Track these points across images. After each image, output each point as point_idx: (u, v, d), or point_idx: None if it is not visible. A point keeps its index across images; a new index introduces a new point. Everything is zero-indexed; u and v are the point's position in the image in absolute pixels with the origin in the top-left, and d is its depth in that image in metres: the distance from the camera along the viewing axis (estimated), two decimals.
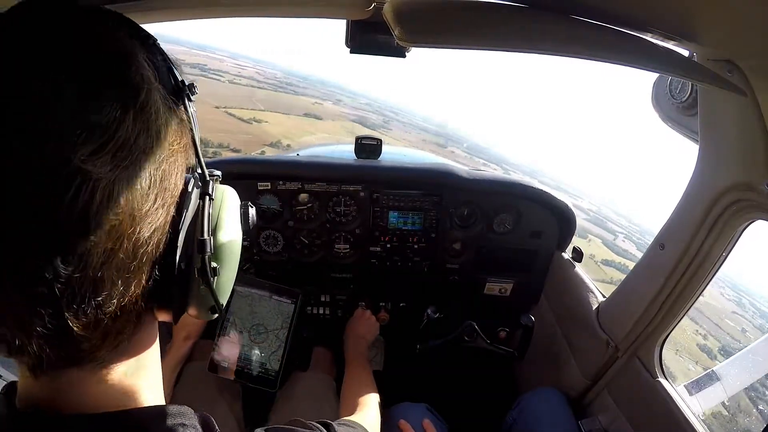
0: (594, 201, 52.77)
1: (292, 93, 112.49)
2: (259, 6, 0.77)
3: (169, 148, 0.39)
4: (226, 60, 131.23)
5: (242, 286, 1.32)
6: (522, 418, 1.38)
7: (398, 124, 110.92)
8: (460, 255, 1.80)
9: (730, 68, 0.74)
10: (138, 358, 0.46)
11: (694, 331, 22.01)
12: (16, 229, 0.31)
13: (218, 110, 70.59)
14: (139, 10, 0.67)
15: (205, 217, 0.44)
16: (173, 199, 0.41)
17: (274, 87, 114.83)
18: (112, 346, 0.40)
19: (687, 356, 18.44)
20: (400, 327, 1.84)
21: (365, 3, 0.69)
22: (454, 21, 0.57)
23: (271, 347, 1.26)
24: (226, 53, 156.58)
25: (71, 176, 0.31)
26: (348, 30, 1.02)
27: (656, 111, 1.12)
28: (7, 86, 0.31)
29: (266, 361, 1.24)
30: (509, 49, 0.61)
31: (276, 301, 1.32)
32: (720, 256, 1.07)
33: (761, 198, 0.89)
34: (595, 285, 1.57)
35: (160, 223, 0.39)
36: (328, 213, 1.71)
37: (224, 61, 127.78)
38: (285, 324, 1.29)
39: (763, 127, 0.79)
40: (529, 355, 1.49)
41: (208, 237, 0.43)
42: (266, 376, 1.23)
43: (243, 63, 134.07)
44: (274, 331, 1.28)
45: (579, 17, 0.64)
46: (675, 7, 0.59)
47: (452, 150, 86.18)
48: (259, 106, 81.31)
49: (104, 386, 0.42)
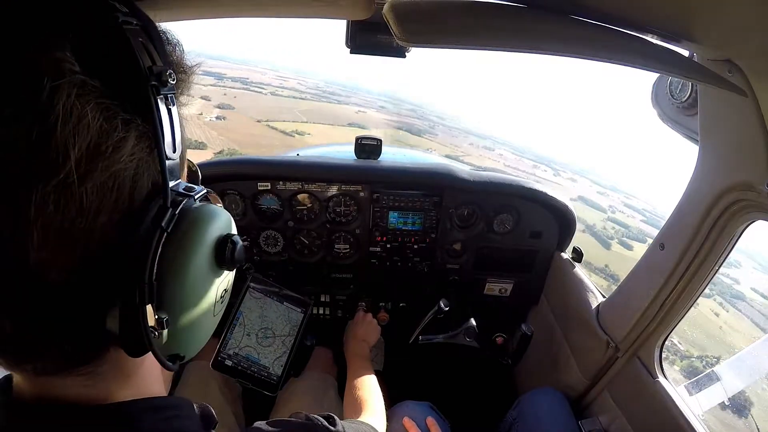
0: (650, 200, 52.13)
1: (335, 102, 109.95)
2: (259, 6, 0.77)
3: (106, 159, 0.31)
4: (268, 72, 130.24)
5: (257, 287, 1.32)
6: (522, 417, 1.38)
7: (444, 129, 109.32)
8: (460, 255, 1.80)
9: (730, 68, 0.74)
10: (128, 362, 0.44)
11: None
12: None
13: (260, 124, 69.99)
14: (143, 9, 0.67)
15: (149, 256, 0.34)
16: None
17: (317, 97, 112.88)
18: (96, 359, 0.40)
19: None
20: (400, 327, 1.84)
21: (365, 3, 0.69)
22: (454, 21, 0.57)
23: (276, 352, 1.26)
24: (268, 65, 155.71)
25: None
26: (348, 30, 1.02)
27: (656, 111, 1.12)
28: None
29: (270, 365, 1.24)
30: (509, 49, 0.61)
31: (286, 308, 1.32)
32: (720, 256, 1.07)
33: (761, 198, 0.89)
34: (594, 285, 1.57)
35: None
36: (328, 213, 1.71)
37: (266, 74, 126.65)
38: (293, 332, 1.29)
39: (763, 127, 0.79)
40: (529, 355, 1.49)
41: (148, 283, 0.34)
42: (268, 380, 1.23)
43: (285, 74, 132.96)
44: (281, 337, 1.28)
45: (579, 17, 0.64)
46: (675, 8, 0.59)
47: (501, 153, 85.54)
48: (302, 118, 79.54)
49: (95, 388, 0.42)
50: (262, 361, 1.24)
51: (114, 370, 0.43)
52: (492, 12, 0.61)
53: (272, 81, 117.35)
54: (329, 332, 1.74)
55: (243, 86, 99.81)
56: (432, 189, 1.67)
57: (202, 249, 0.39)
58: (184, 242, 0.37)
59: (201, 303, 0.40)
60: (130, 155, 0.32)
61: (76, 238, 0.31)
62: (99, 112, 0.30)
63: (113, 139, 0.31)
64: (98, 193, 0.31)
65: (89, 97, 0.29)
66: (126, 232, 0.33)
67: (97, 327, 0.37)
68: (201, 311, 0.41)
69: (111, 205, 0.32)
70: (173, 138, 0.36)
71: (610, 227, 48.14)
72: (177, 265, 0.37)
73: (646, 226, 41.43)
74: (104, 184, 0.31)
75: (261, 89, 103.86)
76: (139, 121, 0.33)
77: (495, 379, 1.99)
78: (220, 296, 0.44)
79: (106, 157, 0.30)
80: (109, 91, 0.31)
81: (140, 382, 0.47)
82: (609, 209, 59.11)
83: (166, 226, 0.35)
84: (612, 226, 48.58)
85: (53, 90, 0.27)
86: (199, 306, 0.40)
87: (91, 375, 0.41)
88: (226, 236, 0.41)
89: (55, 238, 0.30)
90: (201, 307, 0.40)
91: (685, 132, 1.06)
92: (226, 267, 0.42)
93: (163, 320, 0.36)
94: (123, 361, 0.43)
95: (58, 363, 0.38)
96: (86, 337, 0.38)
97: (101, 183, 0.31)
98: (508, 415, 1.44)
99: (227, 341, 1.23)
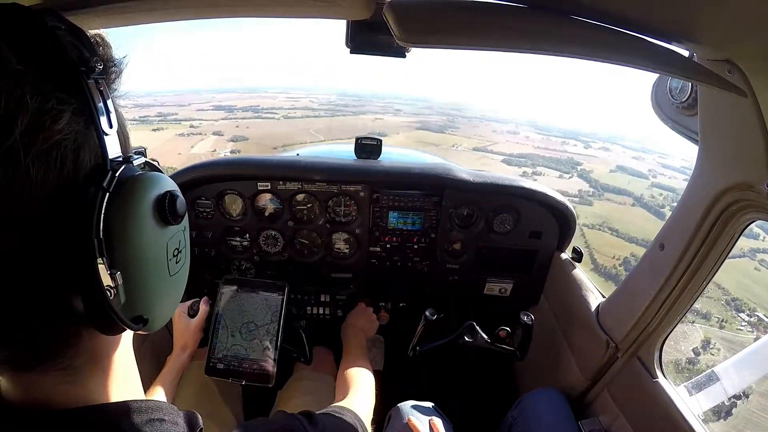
0: (685, 154, 52.06)
1: (350, 114, 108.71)
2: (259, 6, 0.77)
3: (45, 130, 0.35)
4: (279, 96, 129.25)
5: (229, 287, 1.34)
6: (522, 417, 1.38)
7: (463, 120, 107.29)
8: (460, 255, 1.80)
9: (730, 68, 0.74)
10: (105, 356, 0.47)
11: None
12: None
13: (276, 151, 71.27)
14: (140, 10, 0.67)
15: (93, 214, 0.38)
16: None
17: (331, 112, 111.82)
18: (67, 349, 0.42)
19: None
20: (400, 327, 1.84)
21: (365, 3, 0.69)
22: (454, 21, 0.57)
23: (262, 343, 1.27)
24: (278, 89, 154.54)
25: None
26: (348, 30, 1.02)
27: (656, 111, 1.12)
28: None
29: (260, 357, 1.26)
30: (509, 49, 0.61)
31: (263, 297, 1.34)
32: (720, 256, 1.07)
33: (761, 198, 0.89)
34: (594, 285, 1.57)
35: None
36: (328, 213, 1.71)
37: (277, 98, 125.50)
38: (275, 318, 1.30)
39: (763, 127, 0.79)
40: (529, 355, 1.49)
41: (96, 238, 0.37)
42: (261, 372, 1.24)
43: (295, 95, 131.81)
44: (264, 326, 1.29)
45: (579, 17, 0.64)
46: (674, 8, 0.59)
47: (526, 135, 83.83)
48: (319, 137, 77.95)
49: (75, 385, 0.43)
50: (252, 356, 1.26)
51: (90, 364, 0.45)
52: (492, 12, 0.61)
53: (283, 104, 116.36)
54: (329, 332, 1.74)
55: (255, 114, 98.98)
56: (432, 189, 1.67)
57: (144, 205, 0.42)
58: (125, 200, 0.40)
59: (150, 260, 0.43)
60: (68, 127, 0.37)
61: (28, 208, 0.35)
62: (36, 94, 0.34)
63: (50, 114, 0.35)
64: (43, 162, 0.35)
65: (27, 83, 0.34)
66: (72, 198, 0.37)
67: (57, 300, 0.39)
68: (153, 268, 0.44)
69: (56, 175, 0.36)
70: (108, 116, 0.40)
71: (657, 194, 47.84)
72: (121, 221, 0.40)
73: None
74: (47, 154, 0.35)
75: (273, 114, 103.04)
76: (74, 101, 0.38)
77: (495, 379, 1.99)
78: (173, 254, 0.47)
79: (45, 128, 0.35)
80: (44, 78, 0.36)
81: (120, 378, 0.48)
82: (650, 174, 57.65)
83: (108, 186, 0.39)
84: (659, 192, 48.28)
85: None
86: (150, 263, 0.43)
87: (69, 370, 0.43)
88: (165, 192, 0.44)
89: (5, 207, 0.34)
90: (152, 265, 0.44)
91: (685, 132, 1.06)
92: (171, 222, 0.45)
93: (116, 275, 0.39)
94: (99, 354, 0.46)
95: (31, 351, 0.40)
96: (50, 315, 0.39)
97: (44, 152, 0.35)
98: (509, 415, 1.44)
99: (215, 346, 1.25)
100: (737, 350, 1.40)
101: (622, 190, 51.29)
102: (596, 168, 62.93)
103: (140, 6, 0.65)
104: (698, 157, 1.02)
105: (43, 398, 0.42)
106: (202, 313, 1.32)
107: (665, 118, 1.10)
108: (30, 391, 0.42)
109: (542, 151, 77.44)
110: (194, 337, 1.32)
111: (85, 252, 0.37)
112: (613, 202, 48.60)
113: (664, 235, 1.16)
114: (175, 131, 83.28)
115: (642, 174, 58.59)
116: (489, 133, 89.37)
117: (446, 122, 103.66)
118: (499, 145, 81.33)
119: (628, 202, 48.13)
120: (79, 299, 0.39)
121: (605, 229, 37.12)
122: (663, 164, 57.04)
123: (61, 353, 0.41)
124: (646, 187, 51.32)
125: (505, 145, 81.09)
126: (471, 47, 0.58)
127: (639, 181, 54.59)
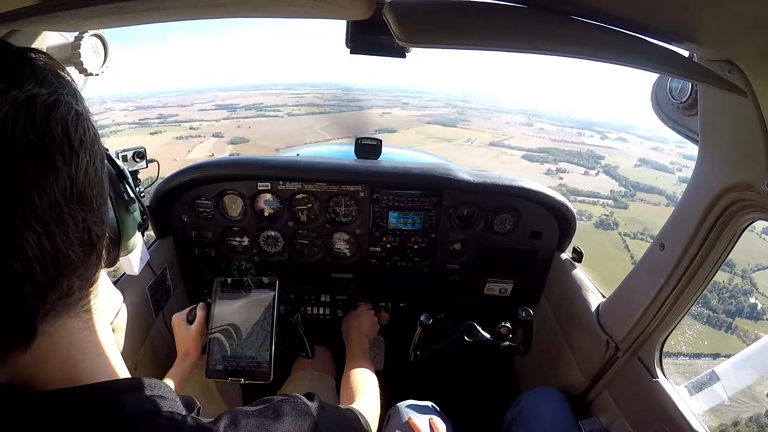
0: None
1: (357, 109, 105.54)
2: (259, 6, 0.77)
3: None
4: (283, 93, 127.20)
5: (221, 288, 1.35)
6: (522, 417, 1.38)
7: (474, 112, 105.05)
8: (460, 255, 1.80)
9: (730, 68, 0.74)
10: (82, 339, 0.46)
11: None
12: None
13: (279, 153, 69.90)
14: (140, 10, 0.67)
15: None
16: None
17: (337, 108, 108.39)
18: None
19: None
20: (401, 327, 1.84)
21: (365, 3, 0.69)
22: (454, 21, 0.57)
23: (258, 340, 1.28)
24: (282, 86, 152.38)
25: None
26: (348, 30, 1.02)
27: (656, 111, 1.12)
28: None
29: (256, 354, 1.26)
30: (509, 49, 0.61)
31: (255, 294, 1.34)
32: (720, 256, 1.07)
33: (761, 198, 0.89)
34: (594, 285, 1.57)
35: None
36: (328, 213, 1.71)
37: (281, 95, 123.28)
38: (268, 314, 1.31)
39: (763, 127, 0.79)
40: (529, 355, 1.49)
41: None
42: (259, 369, 1.25)
43: (300, 91, 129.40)
44: (259, 323, 1.30)
45: (579, 17, 0.64)
46: (674, 8, 0.59)
47: (540, 126, 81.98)
48: (325, 136, 73.94)
49: (66, 361, 0.43)
50: (249, 354, 1.26)
51: (70, 347, 0.44)
52: (492, 12, 0.61)
53: (287, 101, 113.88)
54: (329, 332, 1.74)
55: (257, 113, 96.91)
56: (432, 189, 1.67)
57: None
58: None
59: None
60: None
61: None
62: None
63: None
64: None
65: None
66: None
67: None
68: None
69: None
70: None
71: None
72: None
73: None
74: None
75: (277, 112, 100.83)
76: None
77: (495, 379, 1.99)
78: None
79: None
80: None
81: (111, 358, 0.49)
82: (674, 168, 56.08)
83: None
84: None
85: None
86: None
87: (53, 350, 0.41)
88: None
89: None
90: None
91: (685, 132, 1.06)
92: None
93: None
94: (74, 339, 0.45)
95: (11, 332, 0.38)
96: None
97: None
98: (508, 415, 1.44)
99: (213, 350, 1.26)
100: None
101: (653, 188, 50.02)
102: (620, 162, 61.32)
103: (140, 6, 0.65)
104: (698, 157, 1.02)
105: (41, 377, 0.41)
106: (200, 319, 1.32)
107: (665, 118, 1.10)
108: (23, 371, 0.41)
109: (560, 144, 75.47)
110: (195, 343, 1.33)
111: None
112: (647, 203, 47.18)
113: (665, 235, 1.16)
114: (174, 134, 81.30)
115: (666, 167, 57.37)
116: (502, 125, 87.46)
117: (456, 115, 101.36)
118: (516, 138, 79.01)
119: (662, 202, 46.34)
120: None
121: (647, 238, 33.10)
122: (683, 155, 55.96)
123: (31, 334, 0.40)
124: (674, 183, 49.73)
125: (521, 138, 78.96)
126: (471, 47, 0.58)
127: (665, 176, 53.49)
